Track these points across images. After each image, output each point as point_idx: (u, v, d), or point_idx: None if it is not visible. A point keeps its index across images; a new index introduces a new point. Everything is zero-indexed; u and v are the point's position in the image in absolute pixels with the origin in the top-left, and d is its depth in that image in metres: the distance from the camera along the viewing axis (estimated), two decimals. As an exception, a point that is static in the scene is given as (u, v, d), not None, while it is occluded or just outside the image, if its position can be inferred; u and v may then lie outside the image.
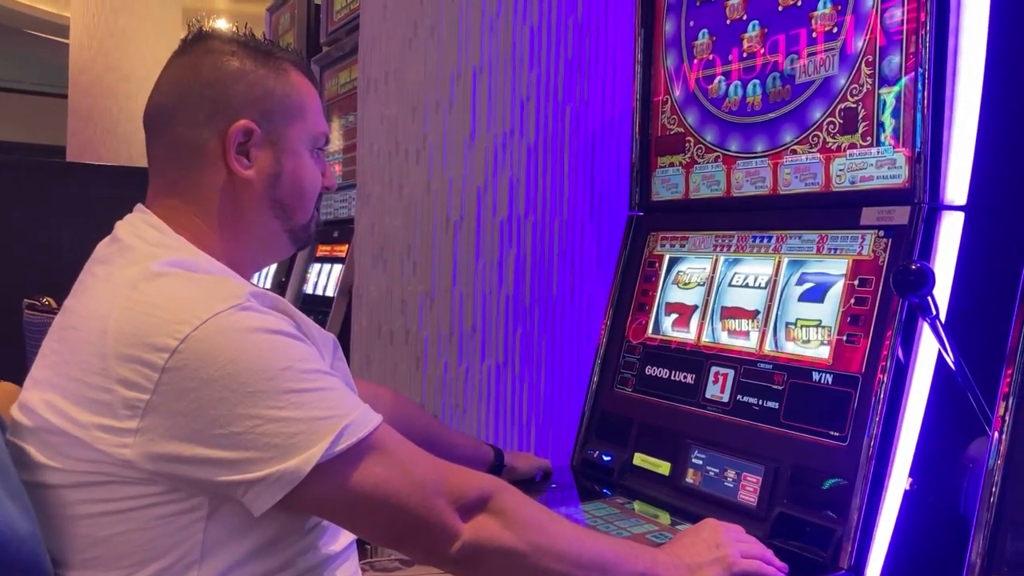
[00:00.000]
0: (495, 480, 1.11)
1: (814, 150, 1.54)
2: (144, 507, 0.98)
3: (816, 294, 1.49)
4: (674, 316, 1.77)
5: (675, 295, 1.78)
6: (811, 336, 1.47)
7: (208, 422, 0.95)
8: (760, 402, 1.52)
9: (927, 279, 1.20)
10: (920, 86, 1.35)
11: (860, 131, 1.45)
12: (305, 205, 1.21)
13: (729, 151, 1.71)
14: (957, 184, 1.36)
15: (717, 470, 1.54)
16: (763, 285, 1.59)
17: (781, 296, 1.55)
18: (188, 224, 1.14)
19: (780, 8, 1.60)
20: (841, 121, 1.49)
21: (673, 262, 1.81)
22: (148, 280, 1.02)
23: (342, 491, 0.99)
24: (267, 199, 1.17)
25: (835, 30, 1.50)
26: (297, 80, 1.20)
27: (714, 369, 1.63)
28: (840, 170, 1.49)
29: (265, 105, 1.15)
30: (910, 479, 1.30)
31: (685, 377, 1.68)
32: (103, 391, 0.97)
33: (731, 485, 1.50)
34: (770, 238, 1.61)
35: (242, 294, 1.01)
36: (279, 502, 0.96)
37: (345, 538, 1.15)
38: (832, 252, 1.49)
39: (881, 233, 1.42)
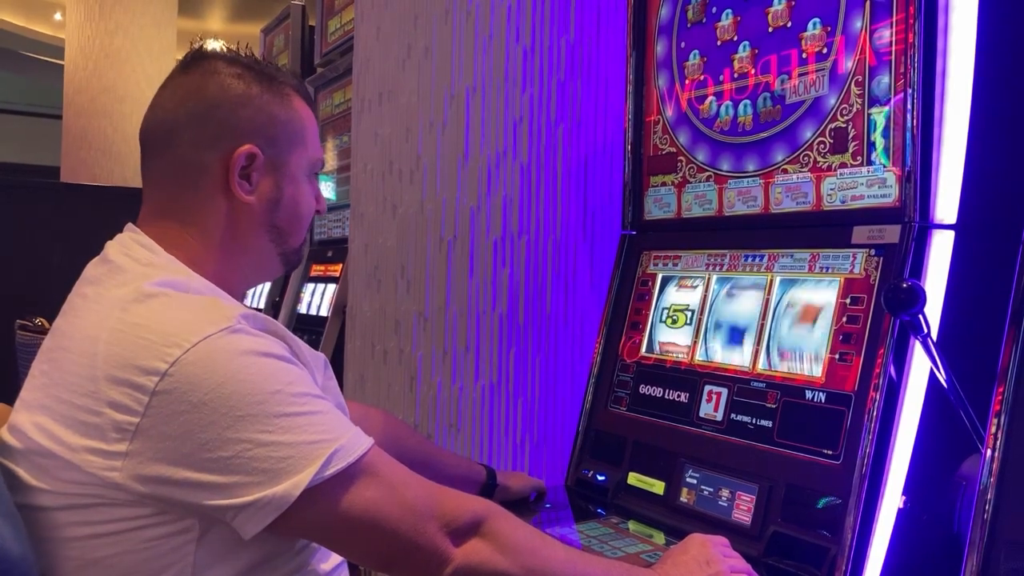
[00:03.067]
0: (487, 503, 1.11)
1: (805, 169, 1.55)
2: (134, 529, 0.98)
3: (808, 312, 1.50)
4: (667, 335, 1.77)
5: (668, 314, 1.78)
6: (804, 355, 1.48)
7: (197, 446, 0.94)
8: (754, 421, 1.52)
9: (918, 297, 1.21)
10: (909, 106, 1.36)
11: (850, 150, 1.46)
12: (300, 229, 1.24)
13: (721, 170, 1.72)
14: (947, 203, 1.36)
15: (711, 489, 1.54)
16: (756, 304, 1.59)
17: (774, 314, 1.56)
18: (182, 244, 1.13)
19: (770, 29, 1.62)
20: (831, 140, 1.50)
21: (666, 281, 1.82)
22: (139, 302, 1.01)
23: (332, 515, 0.98)
24: (265, 223, 1.18)
25: (825, 51, 1.51)
26: (299, 106, 1.21)
27: (708, 388, 1.63)
28: (831, 189, 1.50)
29: (270, 131, 1.16)
30: (903, 497, 1.30)
31: (679, 396, 1.68)
32: (93, 414, 0.96)
33: (725, 504, 1.50)
34: (762, 257, 1.62)
35: (233, 316, 1.00)
36: (269, 526, 0.96)
37: (336, 558, 1.15)
38: (824, 271, 1.49)
39: (872, 252, 1.42)
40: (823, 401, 1.41)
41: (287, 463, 0.95)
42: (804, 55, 1.55)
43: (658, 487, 1.64)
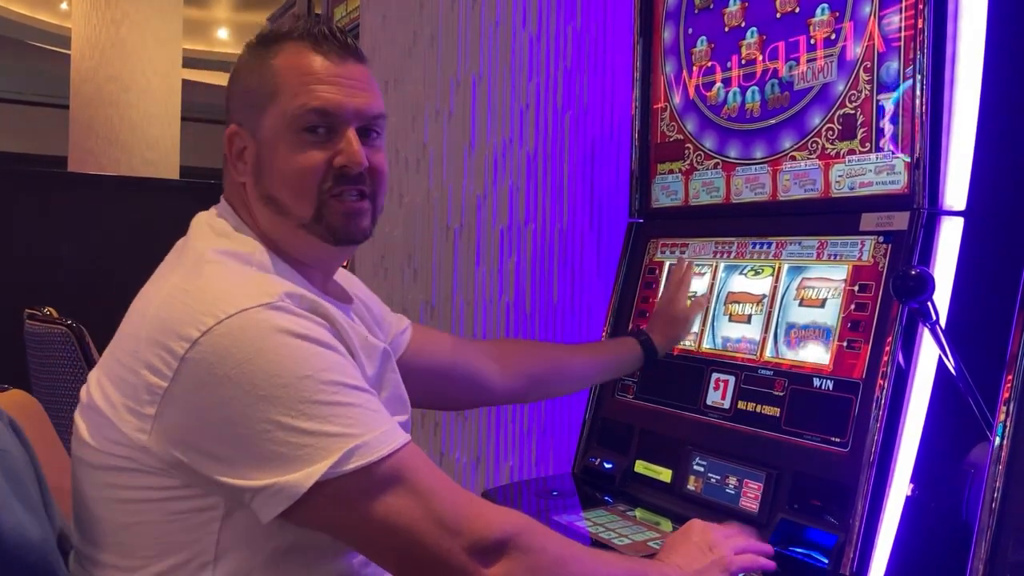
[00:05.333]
0: (518, 518, 1.05)
1: (813, 156, 1.54)
2: (161, 500, 0.99)
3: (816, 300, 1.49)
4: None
5: (675, 302, 1.78)
6: (811, 342, 1.47)
7: (218, 419, 0.94)
8: (761, 408, 1.52)
9: (927, 284, 1.20)
10: (918, 92, 1.35)
11: (859, 137, 1.46)
12: (298, 195, 1.10)
13: (728, 158, 1.71)
14: (956, 190, 1.36)
15: (718, 477, 1.54)
16: (763, 291, 1.59)
17: (781, 302, 1.55)
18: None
19: (778, 15, 1.60)
20: (840, 127, 1.49)
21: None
22: (195, 268, 1.03)
23: (349, 514, 0.95)
24: (262, 198, 1.12)
25: (833, 37, 1.50)
26: (280, 61, 1.10)
27: (715, 375, 1.63)
28: (839, 176, 1.49)
29: (246, 102, 1.13)
30: (911, 485, 1.30)
31: (686, 384, 1.68)
32: (132, 373, 0.98)
33: (732, 492, 1.50)
34: (770, 244, 1.61)
35: (276, 292, 0.99)
36: (285, 514, 0.94)
37: None
38: (832, 258, 1.49)
39: (881, 239, 1.42)
40: (831, 389, 1.41)
41: (303, 451, 0.93)
42: (812, 41, 1.54)
43: (665, 475, 1.64)
